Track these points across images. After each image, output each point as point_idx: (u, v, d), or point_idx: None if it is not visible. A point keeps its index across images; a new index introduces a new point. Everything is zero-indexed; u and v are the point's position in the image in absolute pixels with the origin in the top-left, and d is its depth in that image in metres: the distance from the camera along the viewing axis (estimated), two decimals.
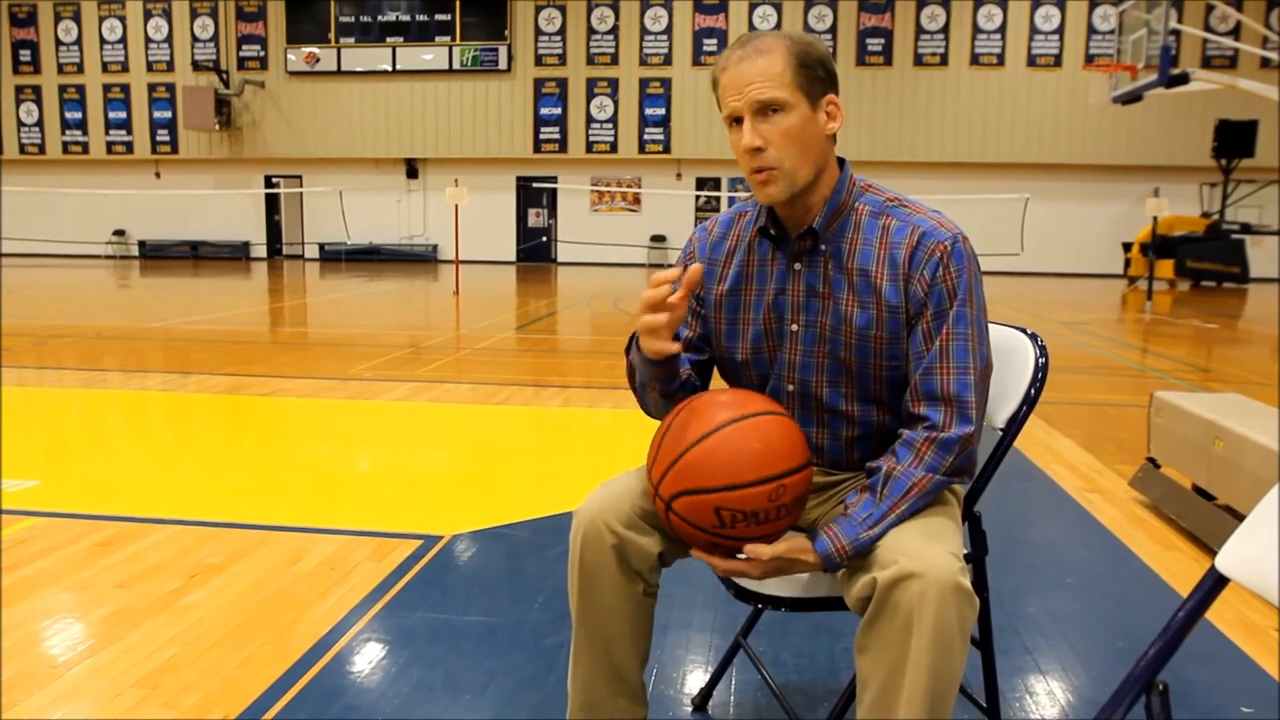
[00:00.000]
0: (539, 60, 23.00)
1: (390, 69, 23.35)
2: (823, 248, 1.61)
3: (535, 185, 23.18)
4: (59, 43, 24.61)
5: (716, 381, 1.78)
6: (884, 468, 1.53)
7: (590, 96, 22.94)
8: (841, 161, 1.63)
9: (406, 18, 23.22)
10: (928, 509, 1.53)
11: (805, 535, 1.52)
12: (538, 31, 22.95)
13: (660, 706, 2.15)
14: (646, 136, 22.88)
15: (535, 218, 24.18)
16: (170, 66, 24.30)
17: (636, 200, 23.54)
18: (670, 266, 1.55)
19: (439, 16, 23.07)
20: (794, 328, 1.65)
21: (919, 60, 21.84)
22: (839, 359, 1.63)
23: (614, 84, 22.84)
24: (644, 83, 22.74)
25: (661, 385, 1.65)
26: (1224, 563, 1.15)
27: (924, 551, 1.38)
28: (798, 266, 1.64)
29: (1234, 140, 18.62)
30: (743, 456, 1.45)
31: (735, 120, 1.55)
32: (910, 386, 1.57)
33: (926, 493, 1.51)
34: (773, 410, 1.53)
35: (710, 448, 1.46)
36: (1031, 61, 21.58)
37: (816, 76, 1.54)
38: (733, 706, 2.18)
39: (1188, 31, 17.56)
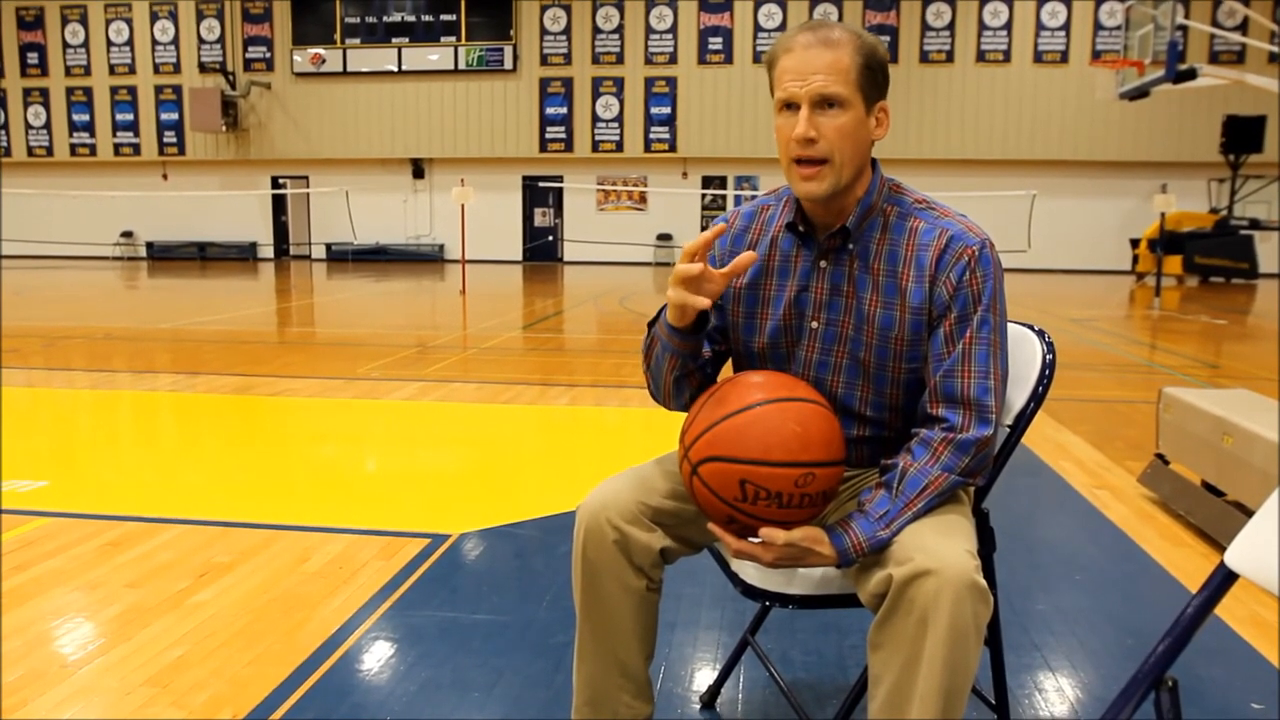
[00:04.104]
0: (544, 60, 23.01)
1: (396, 69, 23.38)
2: (850, 247, 1.60)
3: (541, 185, 23.19)
4: (66, 45, 24.69)
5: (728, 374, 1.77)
6: (900, 465, 1.52)
7: (596, 96, 22.94)
8: (874, 162, 1.63)
9: (412, 18, 23.25)
10: (941, 506, 1.52)
11: (820, 528, 1.50)
12: (543, 31, 22.95)
13: (668, 704, 2.15)
14: (652, 135, 22.87)
15: (541, 217, 24.20)
16: (177, 68, 24.37)
17: (643, 199, 23.53)
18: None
19: (444, 17, 23.10)
20: (814, 325, 1.64)
21: (925, 57, 21.79)
22: (858, 359, 1.62)
23: (619, 83, 22.84)
24: (649, 81, 22.73)
25: (682, 362, 1.62)
26: (1233, 558, 1.15)
27: (940, 548, 1.38)
28: (824, 264, 1.63)
29: (1242, 136, 18.54)
30: (778, 436, 1.45)
31: (788, 105, 1.53)
32: (929, 388, 1.56)
33: (941, 492, 1.50)
34: (818, 401, 1.53)
35: (749, 420, 1.46)
36: (1038, 58, 21.52)
37: (876, 81, 1.54)
38: (741, 704, 2.18)
39: (1195, 27, 17.52)
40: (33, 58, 24.83)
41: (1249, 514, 2.42)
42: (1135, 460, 4.35)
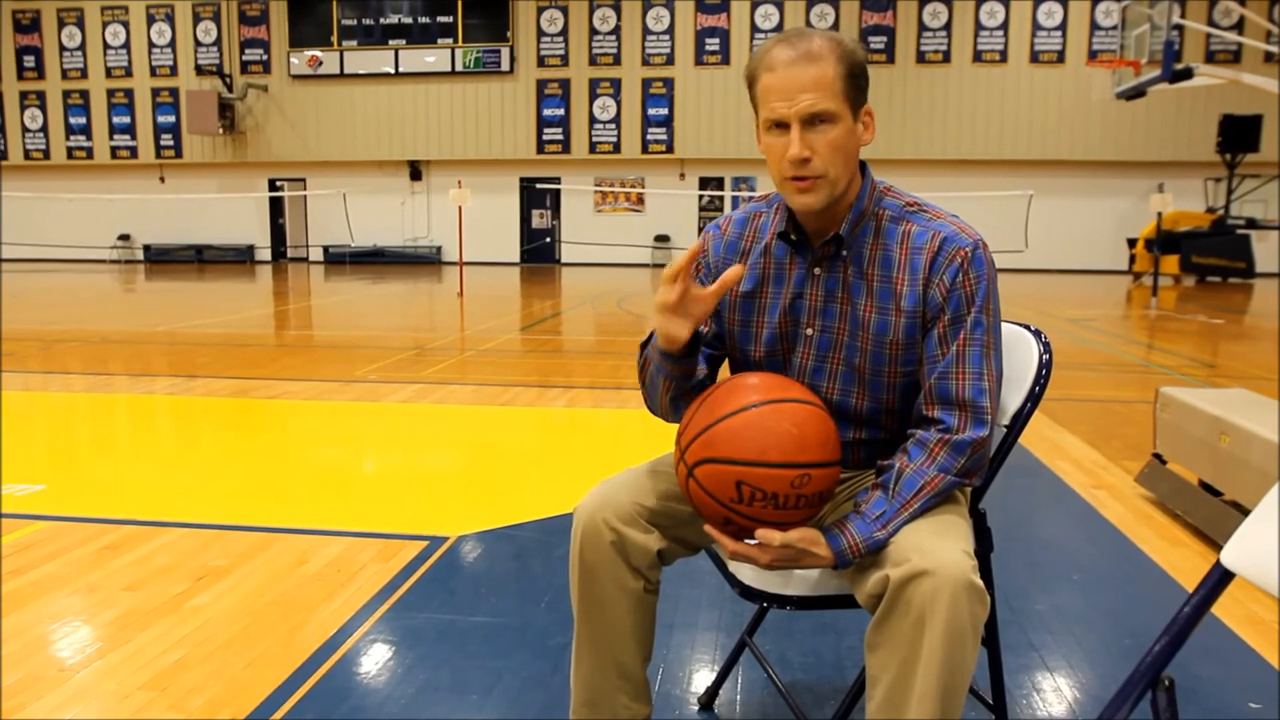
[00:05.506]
0: (541, 61, 23.01)
1: (393, 71, 23.38)
2: (844, 253, 1.60)
3: (539, 186, 23.19)
4: (63, 48, 24.66)
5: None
6: (896, 466, 1.52)
7: (593, 97, 22.94)
8: (864, 166, 1.62)
9: (409, 20, 23.24)
10: (938, 506, 1.53)
11: (817, 529, 1.50)
12: (540, 32, 22.95)
13: (666, 705, 2.15)
14: (649, 136, 22.87)
15: (539, 219, 24.20)
16: (173, 71, 24.35)
17: (640, 200, 23.53)
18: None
19: (441, 19, 23.09)
20: (809, 332, 1.65)
21: (921, 58, 21.81)
22: (853, 366, 1.62)
23: (616, 84, 22.84)
24: (646, 83, 22.73)
25: (676, 384, 1.62)
26: (1229, 557, 1.15)
27: (936, 549, 1.38)
28: (818, 271, 1.63)
29: (1238, 135, 18.57)
30: (774, 437, 1.45)
31: (777, 124, 1.52)
32: (924, 390, 1.56)
33: (938, 492, 1.51)
34: (813, 401, 1.53)
35: (745, 421, 1.46)
36: (1034, 58, 21.54)
37: (860, 87, 1.53)
38: (739, 705, 2.18)
39: (1191, 26, 17.52)
40: (29, 61, 24.80)
41: (1246, 513, 2.42)
42: (1132, 460, 4.35)
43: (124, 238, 25.26)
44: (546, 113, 23.09)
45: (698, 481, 1.48)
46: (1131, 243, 19.20)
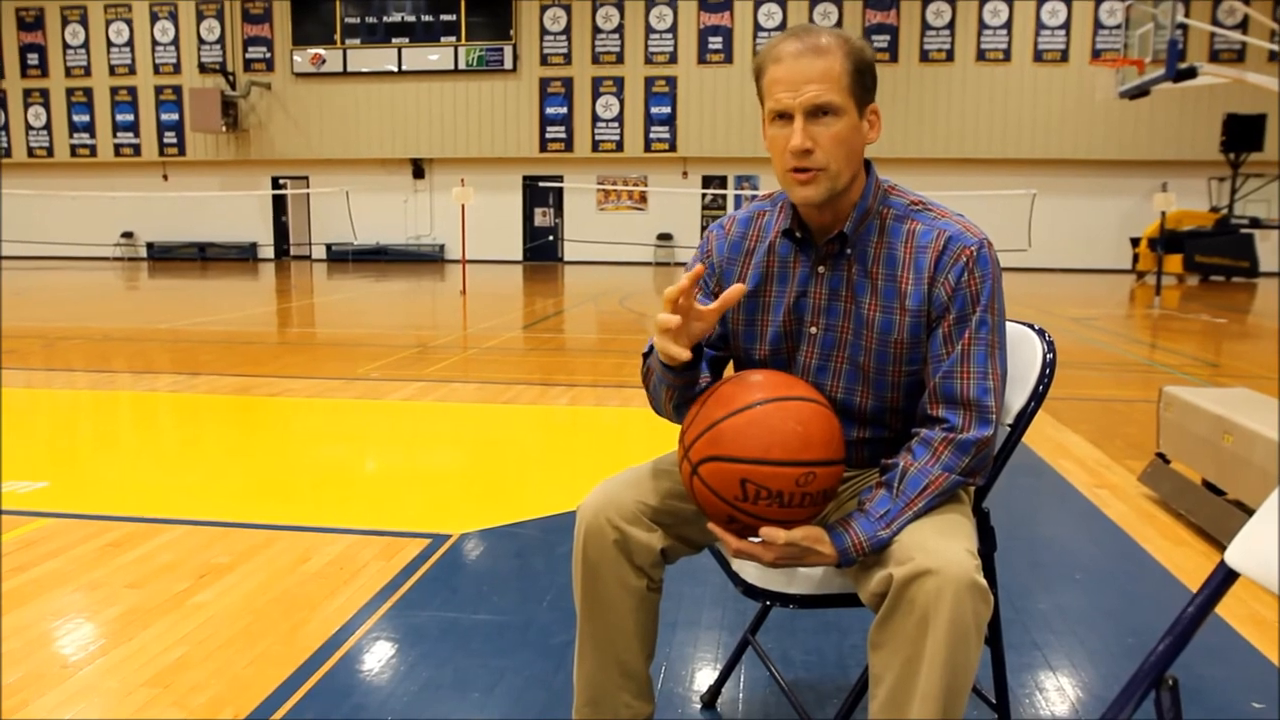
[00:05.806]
0: (544, 60, 23.02)
1: (396, 69, 23.39)
2: (848, 251, 1.60)
3: (541, 184, 23.20)
4: (66, 46, 24.70)
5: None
6: (900, 464, 1.52)
7: (596, 95, 22.94)
8: (868, 164, 1.62)
9: (411, 18, 23.26)
10: (941, 506, 1.52)
11: (821, 528, 1.50)
12: (543, 31, 22.96)
13: (669, 704, 2.15)
14: (652, 135, 22.87)
15: (541, 217, 24.21)
16: (177, 69, 24.37)
17: (643, 199, 23.53)
18: (685, 266, 1.52)
19: (444, 17, 23.10)
20: (813, 330, 1.64)
21: (925, 57, 21.79)
22: (857, 364, 1.62)
23: (619, 83, 22.84)
24: (649, 81, 22.73)
25: (679, 392, 1.62)
26: (1233, 557, 1.15)
27: (940, 548, 1.38)
28: (822, 269, 1.62)
29: (1242, 134, 18.54)
30: (779, 435, 1.44)
31: (781, 115, 1.52)
32: (929, 389, 1.56)
33: (942, 491, 1.50)
34: (817, 400, 1.52)
35: (749, 419, 1.46)
36: (1038, 57, 21.52)
37: (866, 84, 1.53)
38: (741, 704, 2.18)
39: (1195, 25, 17.52)
40: (33, 58, 24.83)
41: (1249, 513, 2.42)
42: (1135, 459, 4.34)
43: (127, 235, 25.30)
44: (549, 111, 23.10)
45: (702, 479, 1.48)
46: (1135, 242, 19.18)
